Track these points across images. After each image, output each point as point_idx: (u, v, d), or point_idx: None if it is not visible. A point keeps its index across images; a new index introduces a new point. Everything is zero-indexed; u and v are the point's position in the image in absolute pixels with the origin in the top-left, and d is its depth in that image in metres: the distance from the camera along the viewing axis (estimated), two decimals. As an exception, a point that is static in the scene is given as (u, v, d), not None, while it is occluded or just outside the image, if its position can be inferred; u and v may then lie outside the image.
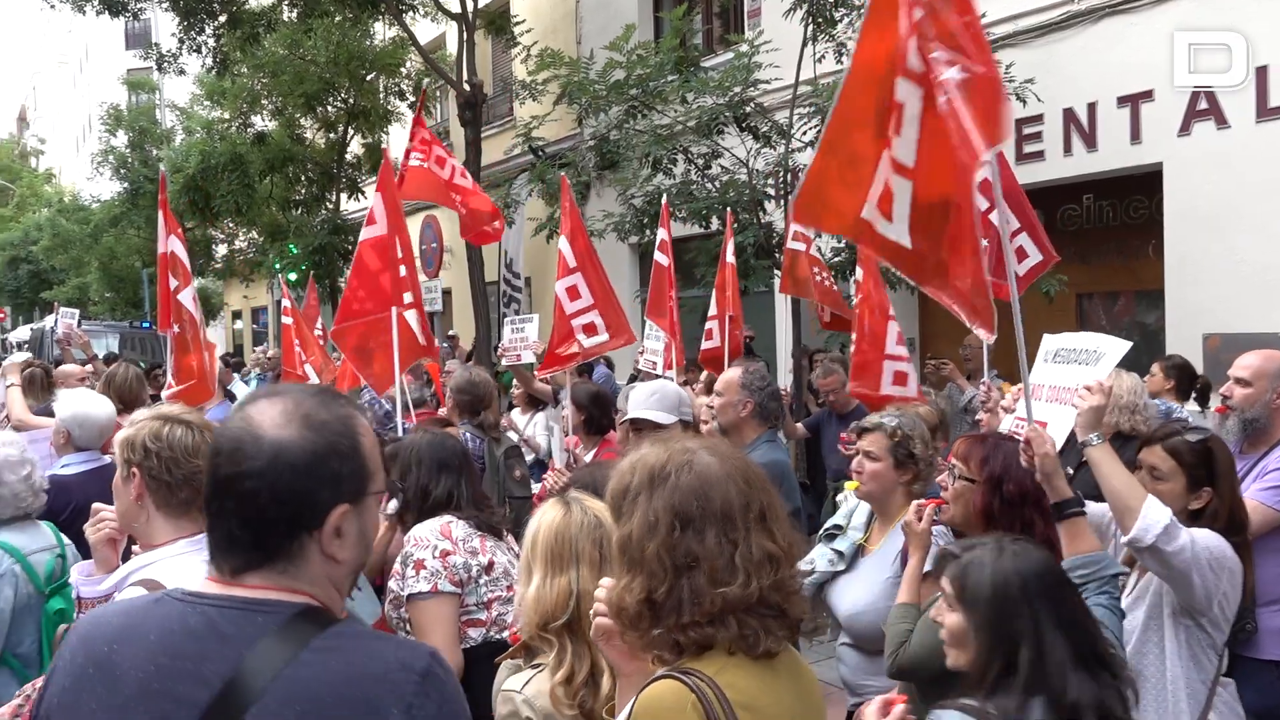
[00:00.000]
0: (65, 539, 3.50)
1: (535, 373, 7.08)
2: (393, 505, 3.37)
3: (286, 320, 8.62)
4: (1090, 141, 8.78)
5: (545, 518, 2.33)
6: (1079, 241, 9.40)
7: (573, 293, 6.21)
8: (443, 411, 6.34)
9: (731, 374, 4.44)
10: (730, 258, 7.21)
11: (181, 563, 2.11)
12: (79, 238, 28.86)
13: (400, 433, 5.14)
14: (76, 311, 12.52)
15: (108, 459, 4.38)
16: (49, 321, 30.22)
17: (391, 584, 3.12)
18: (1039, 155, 9.09)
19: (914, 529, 2.94)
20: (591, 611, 1.88)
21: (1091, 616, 2.14)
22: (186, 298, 6.12)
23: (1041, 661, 1.98)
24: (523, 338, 6.86)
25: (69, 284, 32.56)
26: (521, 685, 2.24)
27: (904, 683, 2.80)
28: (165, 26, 18.60)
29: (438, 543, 3.06)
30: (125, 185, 25.70)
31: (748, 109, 9.20)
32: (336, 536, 1.40)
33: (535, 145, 10.85)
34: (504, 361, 7.31)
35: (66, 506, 3.91)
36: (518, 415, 7.37)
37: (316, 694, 1.30)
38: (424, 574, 3.00)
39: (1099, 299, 9.69)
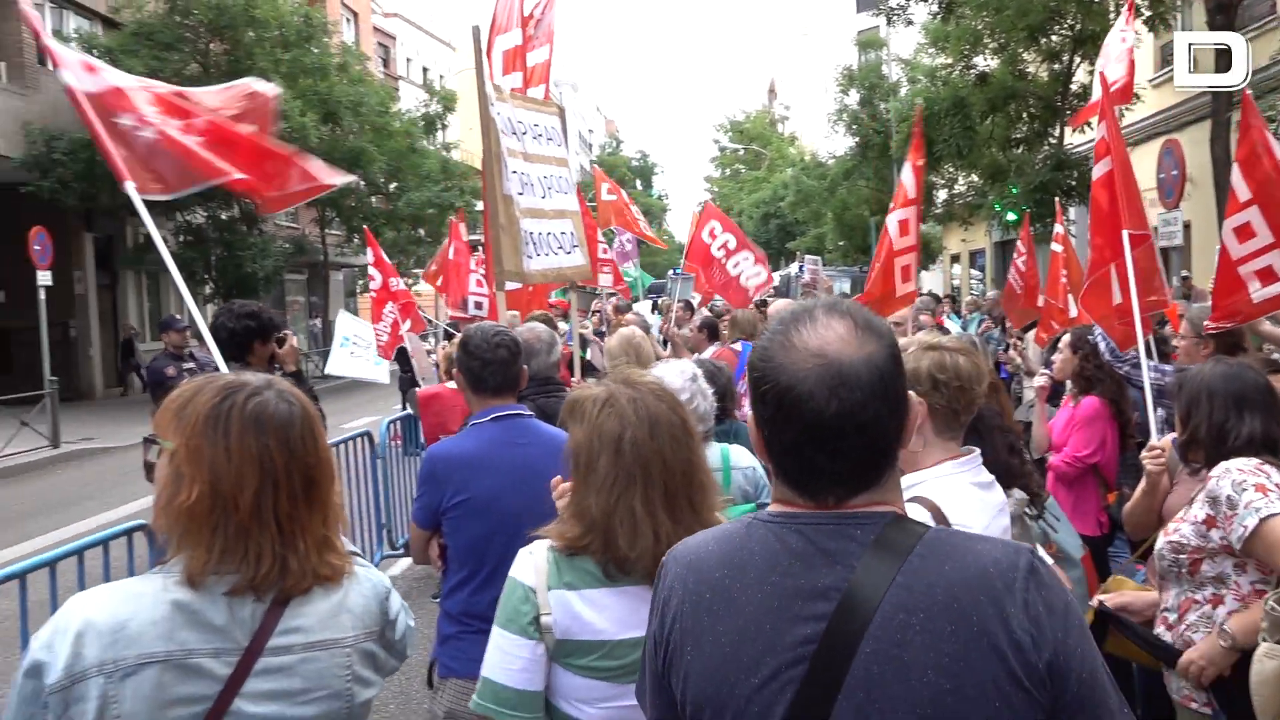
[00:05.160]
0: (735, 461, 3.72)
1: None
2: None
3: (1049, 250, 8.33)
4: None
5: None
6: None
7: (1243, 232, 4.97)
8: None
9: None
10: None
11: (949, 483, 2.24)
12: (817, 192, 31.97)
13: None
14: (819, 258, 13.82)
15: None
16: (793, 269, 34.14)
17: (1185, 531, 2.91)
18: None
19: None
20: None
21: None
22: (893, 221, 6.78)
23: None
24: None
25: (809, 235, 36.38)
26: None
27: None
28: (894, -19, 19.41)
29: (1258, 478, 2.79)
30: (856, 140, 27.71)
31: None
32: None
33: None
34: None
35: None
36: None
37: (933, 597, 1.30)
38: (1272, 495, 2.72)
39: None
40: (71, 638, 1.60)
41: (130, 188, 3.67)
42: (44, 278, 16.00)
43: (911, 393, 1.42)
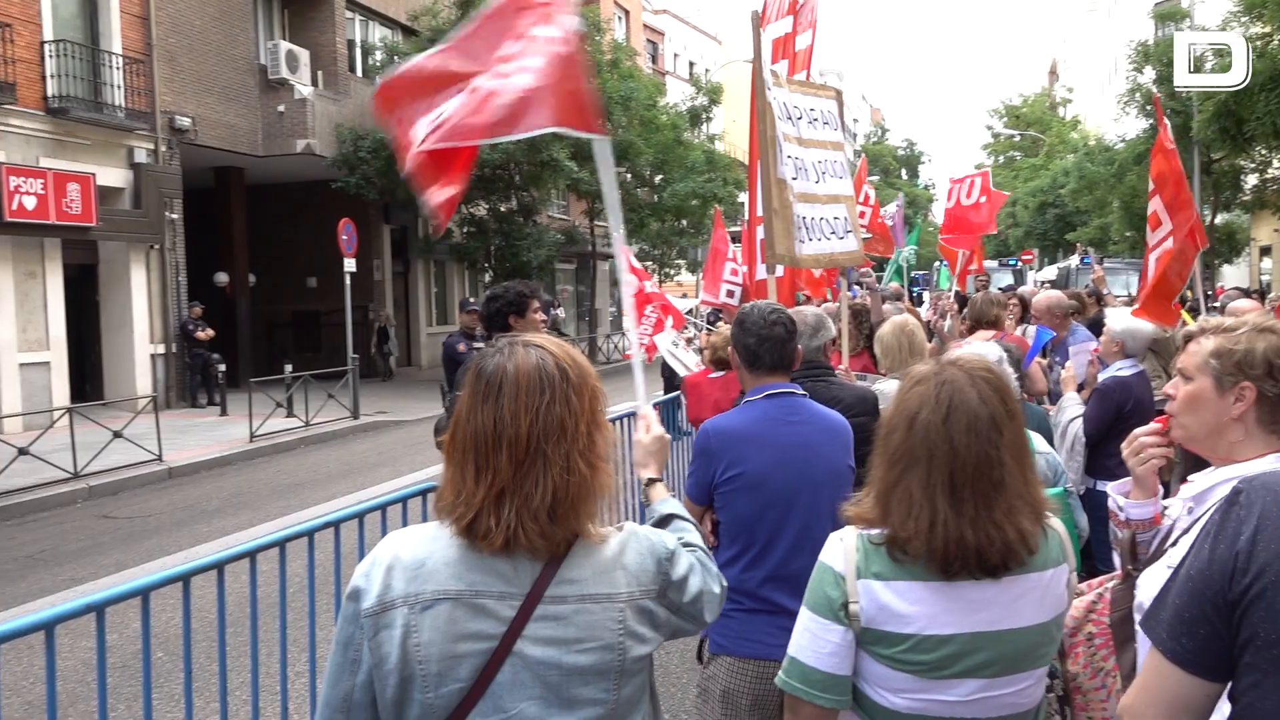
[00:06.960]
0: (1036, 446, 3.51)
1: None
2: None
3: None
4: None
5: None
6: None
7: None
8: None
9: None
10: None
11: None
12: (1103, 179, 29.63)
13: None
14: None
15: (1143, 366, 5.24)
16: (1072, 261, 31.93)
17: None
18: None
19: None
20: None
21: None
22: None
23: None
24: None
25: (1091, 225, 33.87)
26: None
27: None
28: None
29: None
30: (1150, 121, 25.48)
31: None
32: None
33: None
34: None
35: (1128, 401, 4.97)
36: None
37: None
38: None
39: None
40: (383, 570, 1.77)
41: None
42: (350, 265, 17.69)
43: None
